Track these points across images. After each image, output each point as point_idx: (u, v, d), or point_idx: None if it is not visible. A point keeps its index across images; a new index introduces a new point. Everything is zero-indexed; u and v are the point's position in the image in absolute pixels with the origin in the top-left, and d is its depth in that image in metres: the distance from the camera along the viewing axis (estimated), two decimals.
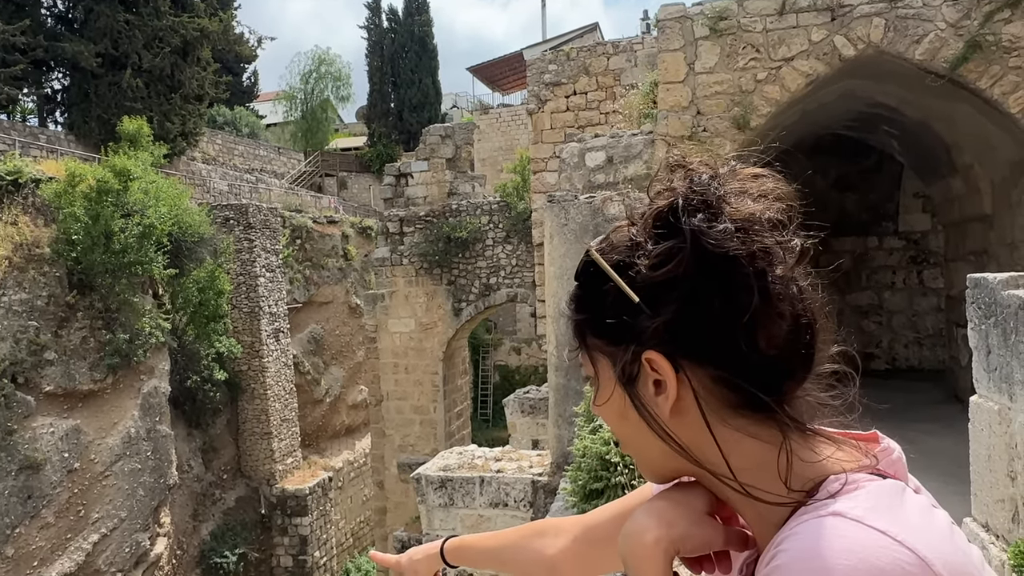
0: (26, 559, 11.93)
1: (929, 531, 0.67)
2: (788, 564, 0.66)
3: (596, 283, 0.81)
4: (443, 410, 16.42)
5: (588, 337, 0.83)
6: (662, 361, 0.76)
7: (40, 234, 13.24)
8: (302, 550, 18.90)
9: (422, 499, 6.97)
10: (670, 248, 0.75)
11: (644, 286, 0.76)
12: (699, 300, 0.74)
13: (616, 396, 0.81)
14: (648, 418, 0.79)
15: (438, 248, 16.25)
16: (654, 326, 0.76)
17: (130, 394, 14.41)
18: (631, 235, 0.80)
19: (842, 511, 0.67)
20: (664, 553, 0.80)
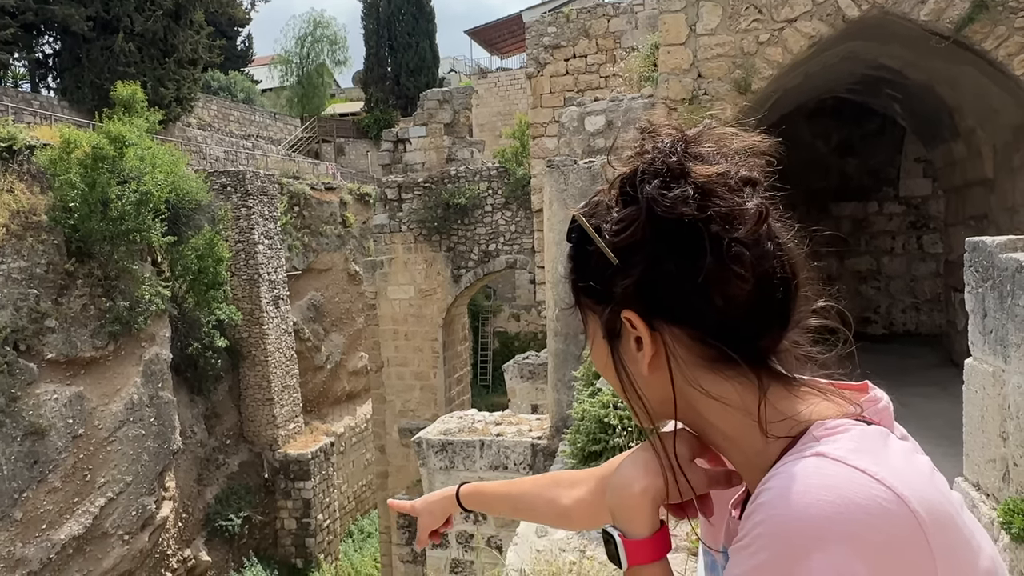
0: (35, 522, 12.15)
1: (908, 472, 0.69)
2: (771, 501, 0.69)
3: (583, 245, 0.84)
4: (443, 376, 16.55)
5: (580, 296, 0.87)
6: (637, 320, 0.80)
7: (37, 201, 13.17)
8: (305, 513, 19.23)
9: (423, 462, 7.07)
10: (628, 214, 0.78)
11: (617, 248, 0.79)
12: (659, 263, 0.77)
13: (603, 350, 0.86)
14: (623, 374, 0.84)
15: (437, 215, 16.19)
16: (625, 287, 0.79)
17: (132, 361, 14.50)
18: (606, 200, 0.83)
19: (824, 452, 0.70)
20: (652, 501, 0.84)
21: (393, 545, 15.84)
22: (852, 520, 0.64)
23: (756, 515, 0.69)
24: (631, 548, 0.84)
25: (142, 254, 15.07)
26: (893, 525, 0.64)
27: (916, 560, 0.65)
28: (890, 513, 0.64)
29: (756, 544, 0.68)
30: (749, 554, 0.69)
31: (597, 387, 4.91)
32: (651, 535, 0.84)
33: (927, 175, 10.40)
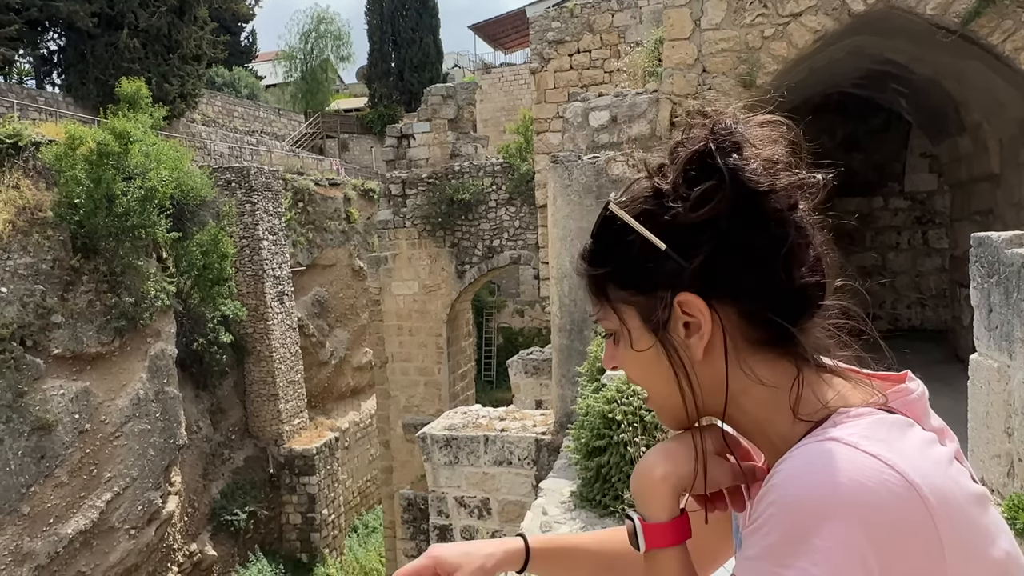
0: (42, 516, 12.23)
1: (920, 459, 0.69)
2: (782, 482, 0.70)
3: (618, 236, 0.84)
4: (447, 371, 16.58)
5: (611, 290, 0.86)
6: (697, 301, 0.80)
7: (42, 197, 13.22)
8: (310, 508, 19.30)
9: (427, 457, 7.09)
10: (709, 188, 0.78)
11: (676, 230, 0.79)
12: (738, 236, 0.78)
13: (645, 343, 0.85)
14: (677, 361, 0.83)
15: (441, 210, 16.19)
16: (692, 267, 0.79)
17: (137, 356, 14.56)
18: (655, 184, 0.83)
19: (838, 436, 0.71)
20: (672, 488, 0.86)
21: (398, 540, 15.89)
22: (860, 501, 0.65)
23: (768, 496, 0.71)
24: (649, 531, 0.85)
25: (147, 250, 15.12)
26: (901, 509, 0.65)
27: (922, 544, 0.66)
28: (899, 497, 0.65)
29: (768, 525, 0.70)
30: (762, 535, 0.70)
31: (602, 382, 4.91)
32: (669, 520, 0.85)
33: (933, 170, 10.35)
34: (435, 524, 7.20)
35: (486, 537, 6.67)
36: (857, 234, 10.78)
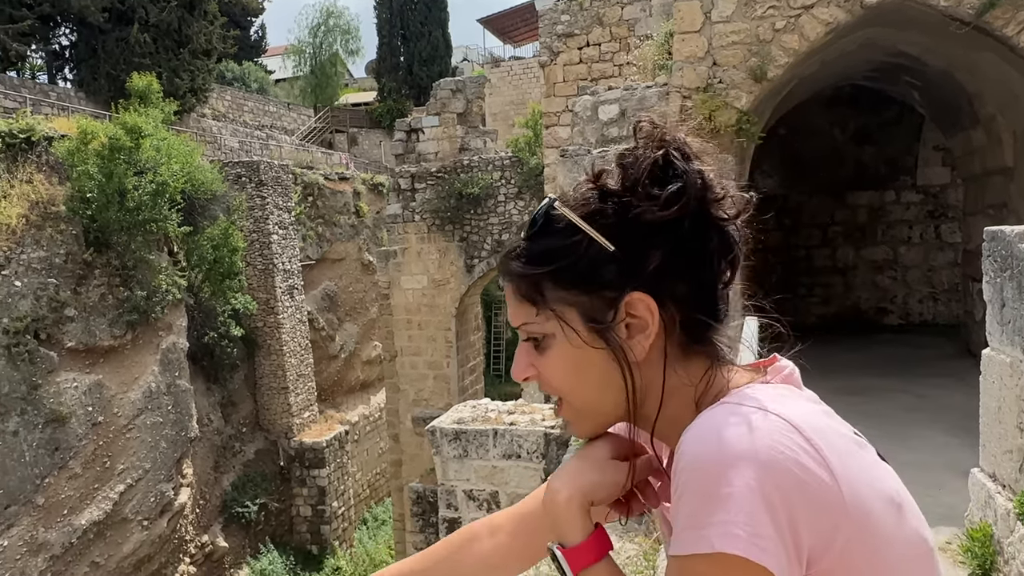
0: (56, 507, 12.38)
1: (798, 408, 0.78)
2: (686, 449, 0.76)
3: (563, 235, 0.85)
4: (456, 365, 16.62)
5: (549, 290, 0.86)
6: (648, 301, 0.83)
7: (55, 192, 13.32)
8: (320, 500, 19.43)
9: (437, 451, 7.12)
10: (678, 190, 0.81)
11: (631, 230, 0.82)
12: (694, 239, 0.83)
13: (576, 345, 0.85)
14: (623, 363, 0.84)
15: (450, 204, 16.21)
16: (650, 268, 0.82)
17: (149, 350, 14.68)
18: (605, 186, 0.85)
19: (727, 401, 0.80)
20: (579, 507, 0.87)
21: (407, 533, 15.98)
22: (755, 446, 0.71)
23: (678, 465, 0.76)
24: (570, 556, 0.86)
25: (159, 244, 15.22)
26: (791, 448, 0.72)
27: (816, 477, 0.71)
28: (787, 438, 0.72)
29: (684, 493, 0.74)
30: (683, 505, 0.75)
31: None
32: (585, 538, 0.86)
33: (946, 164, 10.27)
34: (444, 517, 7.24)
35: None
36: (868, 228, 10.71)
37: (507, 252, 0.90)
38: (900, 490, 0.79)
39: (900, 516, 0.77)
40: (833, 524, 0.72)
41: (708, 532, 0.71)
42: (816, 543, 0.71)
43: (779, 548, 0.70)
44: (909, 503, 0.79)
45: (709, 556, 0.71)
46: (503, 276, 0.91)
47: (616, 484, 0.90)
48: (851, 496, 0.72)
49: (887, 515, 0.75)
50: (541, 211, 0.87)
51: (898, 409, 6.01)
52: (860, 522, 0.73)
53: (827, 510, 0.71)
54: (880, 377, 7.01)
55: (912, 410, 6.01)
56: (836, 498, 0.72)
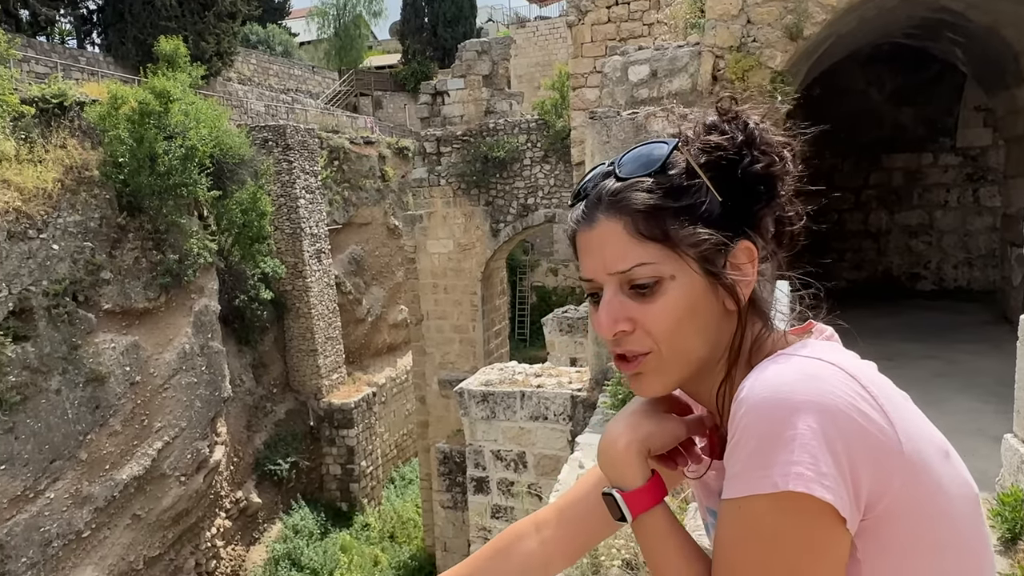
0: (99, 463, 12.87)
1: (855, 362, 0.81)
2: (747, 395, 0.78)
3: (682, 177, 0.87)
4: (482, 329, 16.75)
5: (674, 228, 0.85)
6: (753, 250, 0.87)
7: (88, 157, 13.53)
8: (349, 460, 19.91)
9: (465, 412, 7.25)
10: (792, 148, 0.89)
11: (737, 183, 0.86)
12: (790, 199, 0.90)
13: (693, 287, 0.86)
14: (737, 299, 0.87)
15: (475, 168, 16.14)
16: (752, 220, 0.88)
17: (183, 312, 15.00)
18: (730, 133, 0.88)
19: (787, 352, 0.83)
20: (637, 454, 0.90)
21: (434, 492, 16.35)
22: (817, 391, 0.74)
23: (738, 411, 0.78)
24: (630, 499, 0.89)
25: (189, 208, 15.43)
26: (851, 393, 0.74)
27: (874, 419, 0.74)
28: (847, 384, 0.75)
29: (744, 436, 0.76)
30: (740, 448, 0.76)
31: None
32: (645, 483, 0.89)
33: (987, 124, 9.94)
34: (472, 476, 7.40)
35: (523, 488, 6.86)
36: (904, 192, 10.46)
37: (621, 187, 0.88)
38: (945, 440, 0.81)
39: (949, 463, 0.79)
40: (890, 470, 0.73)
41: (771, 472, 0.72)
42: (874, 488, 0.73)
43: (842, 488, 0.71)
44: (954, 452, 0.81)
45: (772, 495, 0.72)
46: (608, 213, 0.88)
47: (673, 435, 0.93)
48: (907, 443, 0.74)
49: (938, 462, 0.78)
50: (666, 150, 0.88)
51: (929, 375, 5.95)
52: (915, 468, 0.75)
53: (885, 457, 0.73)
54: (911, 343, 6.93)
55: (944, 376, 5.95)
56: (893, 445, 0.74)
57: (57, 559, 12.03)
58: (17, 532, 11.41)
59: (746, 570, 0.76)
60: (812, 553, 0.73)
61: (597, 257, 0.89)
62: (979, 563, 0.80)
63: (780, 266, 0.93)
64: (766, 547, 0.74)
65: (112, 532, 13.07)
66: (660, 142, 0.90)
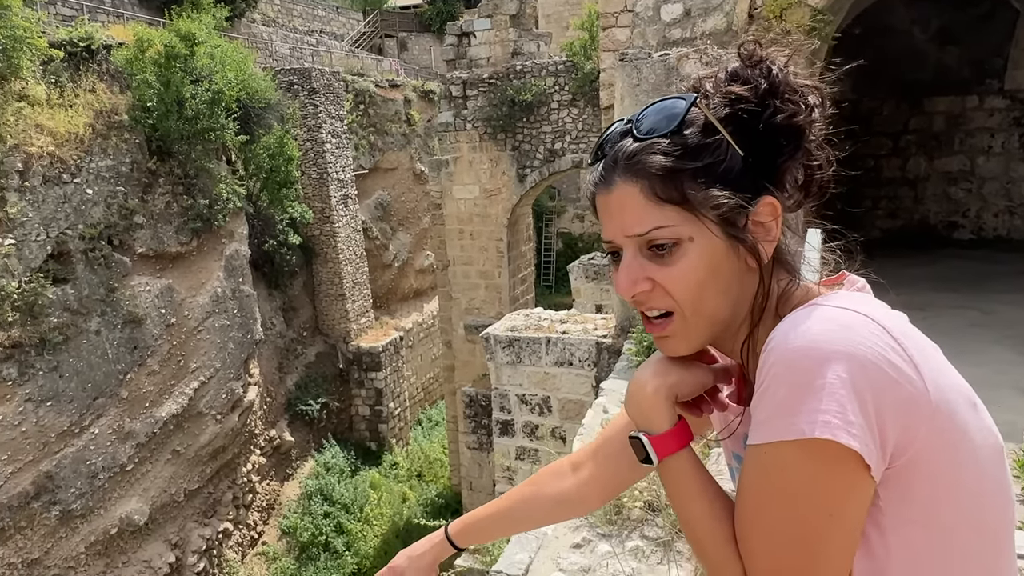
0: (139, 401, 13.38)
1: (879, 309, 0.81)
2: (777, 343, 0.78)
3: (701, 134, 0.85)
4: (507, 275, 16.80)
5: (693, 189, 0.84)
6: (776, 206, 0.86)
7: (117, 101, 13.59)
8: (378, 401, 20.44)
9: (491, 357, 7.35)
10: (818, 98, 0.85)
11: (759, 136, 0.84)
12: (818, 150, 0.86)
13: (712, 249, 0.85)
14: (759, 258, 0.86)
15: (502, 112, 15.90)
16: (776, 174, 0.85)
17: (214, 256, 15.27)
18: (752, 81, 0.85)
19: (817, 303, 0.82)
20: (665, 399, 0.92)
21: (460, 433, 16.76)
22: (848, 340, 0.74)
23: (768, 359, 0.78)
24: (657, 443, 0.91)
25: (217, 153, 15.50)
26: (879, 346, 0.74)
27: (903, 370, 0.74)
28: (877, 335, 0.75)
29: (773, 384, 0.77)
30: (769, 396, 0.77)
31: None
32: (672, 427, 0.91)
33: None
34: (498, 419, 7.56)
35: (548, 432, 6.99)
36: (945, 137, 10.10)
37: (637, 149, 0.86)
38: (972, 390, 0.81)
39: (976, 413, 0.79)
40: (917, 421, 0.74)
41: (798, 419, 0.73)
42: (901, 439, 0.74)
43: (868, 437, 0.72)
44: (980, 403, 0.82)
45: (798, 442, 0.73)
46: (625, 175, 0.87)
47: (700, 382, 0.94)
48: (935, 393, 0.75)
49: (965, 412, 0.78)
50: (683, 108, 0.85)
51: (963, 324, 5.86)
52: (941, 418, 0.75)
53: (913, 407, 0.74)
54: (946, 292, 6.81)
55: (978, 326, 5.85)
56: (922, 396, 0.74)
57: (104, 490, 12.67)
58: (66, 464, 12.01)
59: (769, 514, 0.77)
60: (835, 499, 0.74)
61: (616, 220, 0.89)
62: (1001, 511, 0.81)
63: (809, 215, 0.93)
64: (790, 492, 0.75)
65: (154, 466, 13.69)
66: (678, 97, 0.87)
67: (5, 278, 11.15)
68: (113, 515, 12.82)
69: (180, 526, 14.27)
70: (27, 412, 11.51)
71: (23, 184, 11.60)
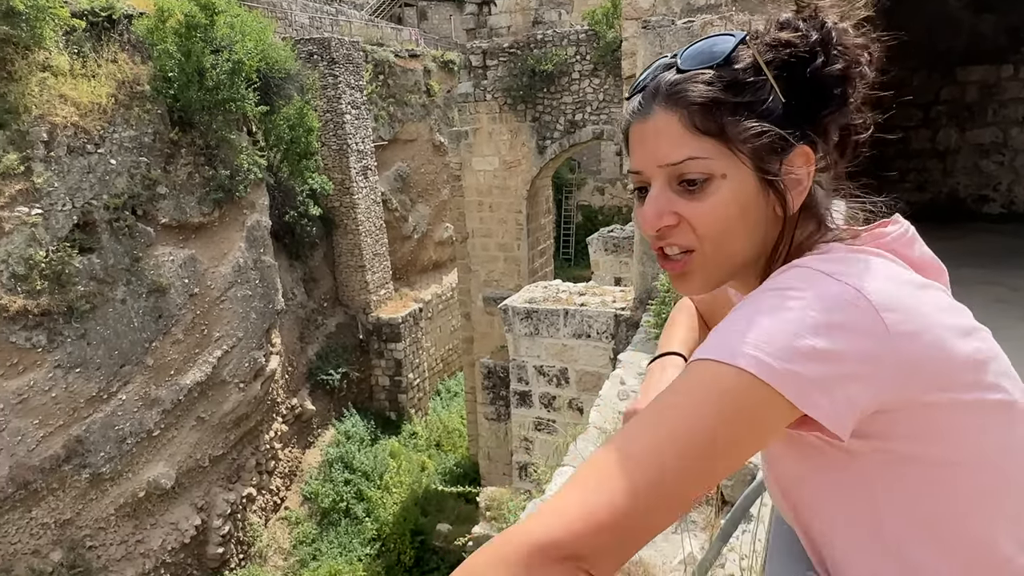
0: (164, 369, 13.66)
1: (875, 277, 0.76)
2: (751, 295, 0.78)
3: (745, 72, 0.84)
4: (527, 248, 16.77)
5: (731, 124, 0.83)
6: (811, 155, 0.85)
7: (139, 71, 13.64)
8: (397, 372, 20.66)
9: (509, 328, 7.38)
10: (872, 49, 0.85)
11: (804, 84, 0.83)
12: (858, 104, 0.85)
13: (744, 188, 0.84)
14: (786, 206, 0.86)
15: (522, 82, 15.72)
16: (815, 123, 0.85)
17: (235, 227, 15.41)
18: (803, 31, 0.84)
19: (800, 263, 0.81)
20: None
21: (478, 404, 16.91)
22: (816, 301, 0.72)
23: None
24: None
25: (238, 124, 15.55)
26: (849, 308, 0.72)
27: (870, 333, 0.71)
28: (847, 301, 0.72)
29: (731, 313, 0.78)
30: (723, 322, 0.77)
31: None
32: None
33: None
34: (515, 390, 7.62)
35: (565, 403, 7.04)
36: (978, 108, 9.82)
37: (681, 79, 0.85)
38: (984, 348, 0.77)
39: (978, 374, 0.76)
40: (876, 389, 0.71)
41: (728, 345, 0.72)
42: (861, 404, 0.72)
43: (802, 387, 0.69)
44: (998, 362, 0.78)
45: (728, 366, 0.70)
46: (665, 104, 0.85)
47: None
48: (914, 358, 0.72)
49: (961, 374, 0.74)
50: (731, 43, 0.85)
51: (988, 300, 5.76)
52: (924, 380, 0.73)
53: (874, 376, 0.71)
54: (972, 267, 6.68)
55: (1004, 302, 5.75)
56: (887, 364, 0.71)
57: (132, 455, 13.01)
58: (95, 429, 12.34)
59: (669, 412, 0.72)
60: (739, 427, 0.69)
61: (650, 148, 0.87)
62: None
63: (840, 177, 0.91)
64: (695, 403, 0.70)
65: (179, 432, 14.02)
66: (727, 34, 0.87)
67: (33, 247, 11.36)
68: (141, 479, 13.19)
69: (205, 490, 14.65)
70: (57, 378, 11.80)
71: (48, 154, 11.75)
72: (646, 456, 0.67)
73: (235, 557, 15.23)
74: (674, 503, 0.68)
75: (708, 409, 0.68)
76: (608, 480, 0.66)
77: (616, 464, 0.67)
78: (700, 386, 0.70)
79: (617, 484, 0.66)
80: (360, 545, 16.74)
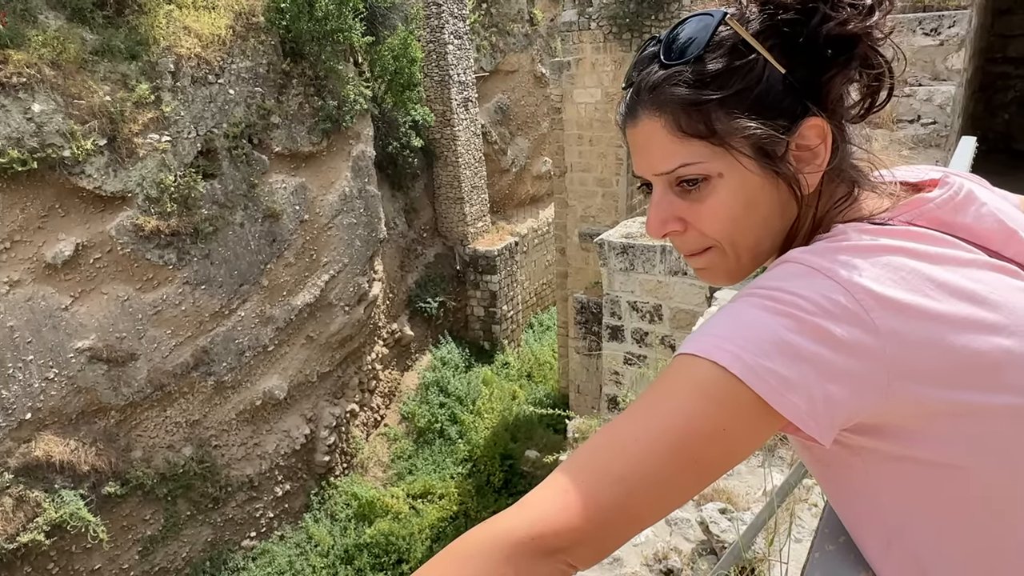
0: (277, 290, 14.64)
1: (871, 271, 0.69)
2: (740, 291, 0.74)
3: (731, 56, 0.76)
4: (625, 184, 16.45)
5: (721, 121, 0.76)
6: (824, 127, 0.77)
7: (255, 3, 14.12)
8: (492, 303, 21.16)
9: (604, 263, 7.39)
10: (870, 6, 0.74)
11: (803, 49, 0.74)
12: (873, 59, 0.76)
13: (744, 184, 0.78)
14: (797, 191, 0.79)
15: (628, 10, 15.07)
16: (825, 91, 0.76)
17: (342, 157, 15.98)
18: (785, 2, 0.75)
19: (791, 258, 0.74)
20: None
21: (570, 339, 17.13)
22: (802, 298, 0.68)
23: None
24: None
25: (345, 55, 15.88)
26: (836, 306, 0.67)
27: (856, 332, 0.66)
28: (834, 299, 0.67)
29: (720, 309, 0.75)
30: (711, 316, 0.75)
31: None
32: None
33: None
34: (608, 324, 7.67)
35: (657, 339, 7.04)
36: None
37: (660, 80, 0.78)
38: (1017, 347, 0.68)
39: (995, 376, 0.67)
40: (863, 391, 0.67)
41: (707, 340, 0.69)
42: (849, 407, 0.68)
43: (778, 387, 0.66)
44: None
45: (704, 360, 0.68)
46: (648, 109, 0.79)
47: None
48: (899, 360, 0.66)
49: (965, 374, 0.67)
50: (709, 28, 0.76)
51: None
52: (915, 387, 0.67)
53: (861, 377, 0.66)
54: None
55: None
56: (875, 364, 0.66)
57: (250, 367, 14.19)
58: (218, 342, 13.51)
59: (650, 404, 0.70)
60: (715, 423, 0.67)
61: (643, 156, 0.83)
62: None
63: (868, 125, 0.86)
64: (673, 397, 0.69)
65: (291, 349, 15.11)
66: (705, 14, 0.77)
67: (164, 172, 12.28)
68: (258, 389, 14.40)
69: (314, 403, 15.83)
70: (185, 293, 12.93)
71: (175, 84, 12.51)
72: (625, 450, 0.66)
73: (339, 466, 16.52)
74: (657, 498, 0.66)
75: (685, 404, 0.67)
76: (589, 474, 0.66)
77: (598, 458, 0.67)
78: (678, 381, 0.68)
79: (597, 478, 0.66)
80: (453, 464, 17.69)
